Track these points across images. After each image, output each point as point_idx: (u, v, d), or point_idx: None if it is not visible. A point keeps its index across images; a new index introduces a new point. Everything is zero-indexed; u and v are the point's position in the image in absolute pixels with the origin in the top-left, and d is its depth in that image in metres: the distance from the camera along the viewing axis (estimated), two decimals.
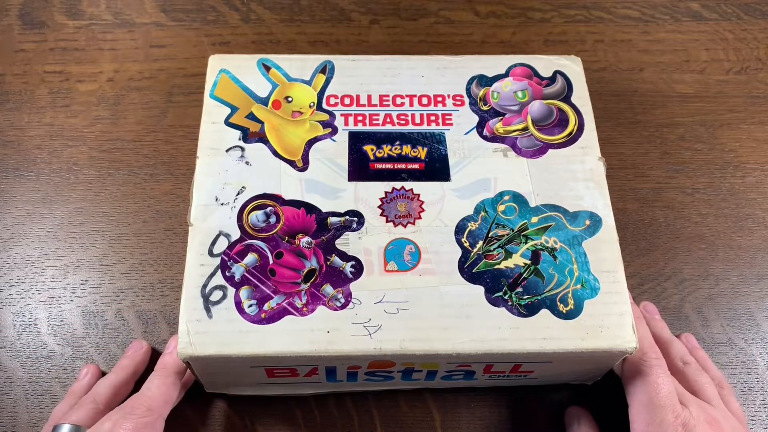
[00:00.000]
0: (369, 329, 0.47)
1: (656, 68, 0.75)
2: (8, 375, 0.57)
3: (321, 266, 0.50)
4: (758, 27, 0.78)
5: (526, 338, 0.48)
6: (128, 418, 0.47)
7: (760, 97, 0.73)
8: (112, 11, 0.77)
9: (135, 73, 0.72)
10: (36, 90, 0.71)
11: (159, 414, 0.49)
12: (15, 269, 0.61)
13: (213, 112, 0.56)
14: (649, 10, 0.79)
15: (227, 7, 0.77)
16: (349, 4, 0.78)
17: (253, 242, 0.50)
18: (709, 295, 0.62)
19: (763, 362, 0.59)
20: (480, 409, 0.57)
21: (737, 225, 0.66)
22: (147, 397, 0.49)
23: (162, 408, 0.49)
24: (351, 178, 0.53)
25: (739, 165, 0.69)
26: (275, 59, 0.58)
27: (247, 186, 0.52)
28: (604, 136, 0.68)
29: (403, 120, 0.56)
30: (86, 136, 0.68)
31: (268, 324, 0.47)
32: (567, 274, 0.50)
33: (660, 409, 0.47)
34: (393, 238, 0.51)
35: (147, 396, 0.49)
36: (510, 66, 0.59)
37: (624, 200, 0.67)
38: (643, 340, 0.51)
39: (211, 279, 0.49)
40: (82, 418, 0.49)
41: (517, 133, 0.56)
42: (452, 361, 0.49)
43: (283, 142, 0.54)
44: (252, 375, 0.51)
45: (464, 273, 0.50)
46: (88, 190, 0.65)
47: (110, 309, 0.60)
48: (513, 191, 0.53)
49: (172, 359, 0.52)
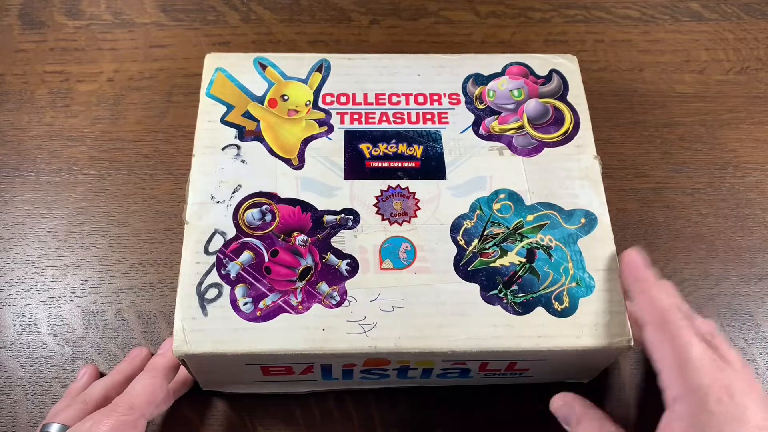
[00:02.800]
0: (364, 327, 0.47)
1: (656, 68, 0.75)
2: (8, 375, 0.57)
3: (316, 264, 0.50)
4: (758, 27, 0.78)
5: (522, 336, 0.48)
6: (109, 415, 0.47)
7: (760, 97, 0.73)
8: (112, 11, 0.77)
9: (135, 73, 0.72)
10: (36, 90, 0.71)
11: (141, 413, 0.48)
12: (15, 269, 0.61)
13: (209, 110, 0.56)
14: (649, 10, 0.79)
15: (227, 7, 0.78)
16: (349, 4, 0.78)
17: (248, 240, 0.50)
18: (709, 295, 0.62)
19: (763, 362, 0.59)
20: (480, 408, 0.57)
21: (737, 225, 0.65)
22: (130, 396, 0.49)
23: (144, 407, 0.49)
24: (347, 177, 0.53)
25: (739, 165, 0.69)
26: (271, 57, 0.59)
27: (243, 184, 0.52)
28: (604, 136, 0.69)
29: (399, 118, 0.56)
30: (86, 136, 0.68)
31: (263, 322, 0.47)
32: (562, 272, 0.50)
33: (695, 372, 0.42)
34: (388, 236, 0.51)
35: (131, 395, 0.49)
36: (506, 65, 0.59)
37: (624, 200, 0.66)
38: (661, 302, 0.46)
39: (207, 277, 0.49)
40: (70, 417, 0.49)
41: (512, 131, 0.56)
42: (447, 359, 0.49)
43: (279, 141, 0.55)
44: (247, 373, 0.51)
45: (459, 271, 0.50)
46: (88, 190, 0.65)
47: (110, 309, 0.60)
48: (508, 189, 0.53)
49: (162, 361, 0.52)
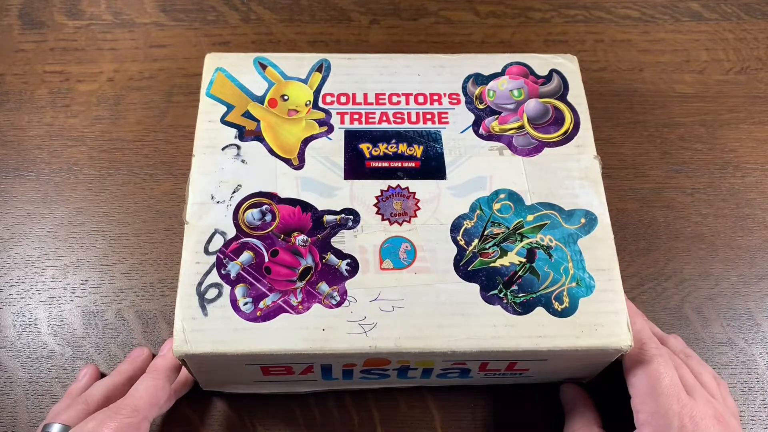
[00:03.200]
0: (364, 327, 0.47)
1: (656, 68, 0.75)
2: (8, 375, 0.57)
3: (316, 264, 0.50)
4: (758, 27, 0.78)
5: (522, 336, 0.48)
6: (113, 418, 0.47)
7: (760, 97, 0.73)
8: (112, 11, 0.77)
9: (135, 73, 0.72)
10: (36, 90, 0.71)
11: (144, 416, 0.48)
12: (15, 269, 0.61)
13: (209, 110, 0.56)
14: (649, 10, 0.79)
15: (227, 7, 0.78)
16: (349, 4, 0.78)
17: (248, 240, 0.50)
18: (709, 295, 0.62)
19: (763, 362, 0.59)
20: (480, 408, 0.57)
21: (737, 225, 0.65)
22: (134, 398, 0.49)
23: (148, 410, 0.49)
24: (347, 177, 0.53)
25: (739, 165, 0.69)
26: (271, 57, 0.58)
27: (243, 184, 0.52)
28: (604, 136, 0.69)
29: (399, 118, 0.56)
30: (86, 136, 0.68)
31: (263, 322, 0.47)
32: (562, 272, 0.50)
33: (664, 398, 0.47)
34: (388, 237, 0.51)
35: (134, 397, 0.49)
36: (506, 64, 0.59)
37: (624, 200, 0.66)
38: (642, 332, 0.50)
39: (207, 277, 0.49)
40: (71, 418, 0.49)
41: (512, 131, 0.56)
42: (447, 359, 0.49)
43: (279, 141, 0.55)
44: (247, 373, 0.51)
45: (459, 271, 0.50)
46: (88, 190, 0.65)
47: (110, 309, 0.60)
48: (508, 189, 0.53)
49: (164, 363, 0.52)
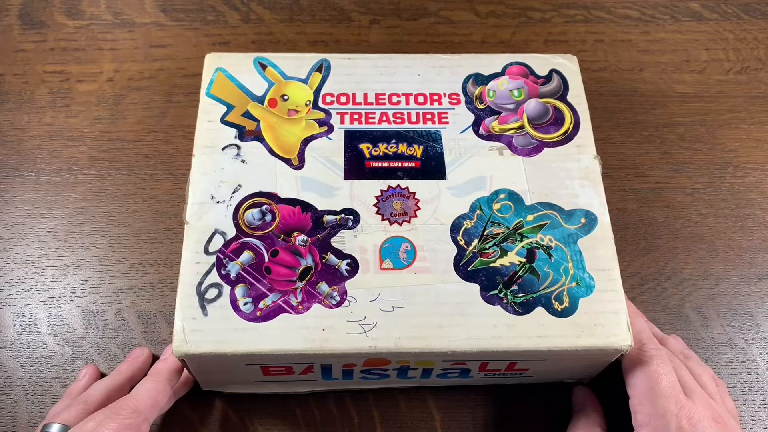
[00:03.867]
0: (364, 327, 0.47)
1: (656, 68, 0.75)
2: (8, 375, 0.57)
3: (316, 264, 0.50)
4: (758, 27, 0.78)
5: (522, 336, 0.48)
6: (113, 418, 0.47)
7: (760, 97, 0.73)
8: (112, 11, 0.77)
9: (135, 73, 0.72)
10: (36, 90, 0.71)
11: (144, 417, 0.48)
12: (15, 269, 0.61)
13: (209, 110, 0.56)
14: (649, 10, 0.79)
15: (227, 7, 0.78)
16: (349, 4, 0.78)
17: (248, 240, 0.50)
18: (709, 295, 0.62)
19: (763, 362, 0.59)
20: (480, 408, 0.57)
21: (737, 225, 0.65)
22: (135, 400, 0.49)
23: (148, 411, 0.49)
24: (347, 177, 0.53)
25: (739, 165, 0.69)
26: (271, 57, 0.59)
27: (243, 184, 0.52)
28: (604, 136, 0.69)
29: (399, 118, 0.56)
30: (86, 136, 0.68)
31: (263, 322, 0.47)
32: (562, 272, 0.50)
33: (662, 399, 0.47)
34: (388, 237, 0.51)
35: (135, 398, 0.49)
36: (506, 64, 0.59)
37: (624, 200, 0.66)
38: (641, 333, 0.50)
39: (207, 277, 0.49)
40: (71, 418, 0.49)
41: (512, 131, 0.56)
42: (447, 359, 0.49)
43: (279, 141, 0.55)
44: (247, 373, 0.51)
45: (459, 271, 0.50)
46: (88, 190, 0.65)
47: (110, 309, 0.60)
48: (508, 189, 0.53)
49: (165, 366, 0.52)
